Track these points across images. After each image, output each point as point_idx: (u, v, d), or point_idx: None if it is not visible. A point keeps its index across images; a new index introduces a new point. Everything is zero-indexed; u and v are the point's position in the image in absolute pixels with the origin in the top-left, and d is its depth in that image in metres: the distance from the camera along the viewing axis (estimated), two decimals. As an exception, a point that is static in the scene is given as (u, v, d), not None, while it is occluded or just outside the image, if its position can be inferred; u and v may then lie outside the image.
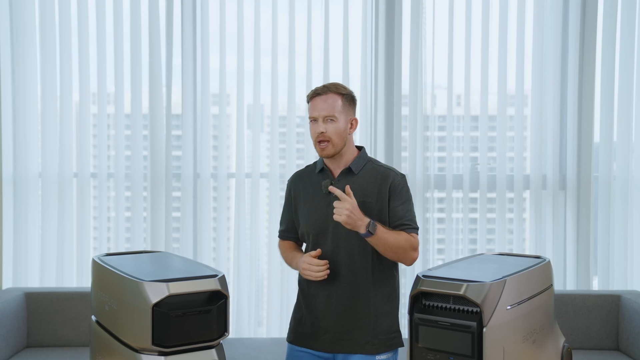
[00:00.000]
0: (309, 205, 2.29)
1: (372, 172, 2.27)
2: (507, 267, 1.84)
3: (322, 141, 2.21)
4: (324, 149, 2.22)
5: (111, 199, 3.66)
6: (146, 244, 3.62)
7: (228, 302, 1.78)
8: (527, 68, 3.63)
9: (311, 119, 2.24)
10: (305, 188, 2.32)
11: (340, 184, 2.25)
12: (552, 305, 1.88)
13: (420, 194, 3.59)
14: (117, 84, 3.60)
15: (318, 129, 2.21)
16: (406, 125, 3.64)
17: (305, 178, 2.35)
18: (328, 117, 2.21)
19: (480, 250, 3.60)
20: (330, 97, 2.23)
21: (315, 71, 3.60)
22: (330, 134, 2.21)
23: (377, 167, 2.30)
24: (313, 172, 2.35)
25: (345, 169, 2.27)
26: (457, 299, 1.67)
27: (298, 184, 2.36)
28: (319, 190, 2.28)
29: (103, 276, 1.87)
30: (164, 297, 1.66)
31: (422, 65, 3.61)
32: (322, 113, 2.21)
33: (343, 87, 2.26)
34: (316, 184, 2.30)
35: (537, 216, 3.62)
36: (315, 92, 2.24)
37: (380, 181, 2.24)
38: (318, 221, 2.25)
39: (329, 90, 2.23)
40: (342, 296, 2.22)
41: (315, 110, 2.22)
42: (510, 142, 3.66)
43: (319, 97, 2.23)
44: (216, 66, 3.60)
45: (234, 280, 3.61)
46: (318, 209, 2.26)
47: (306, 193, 2.31)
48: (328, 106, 2.21)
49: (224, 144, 3.61)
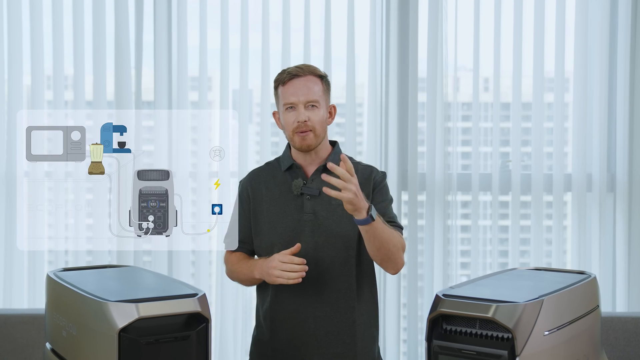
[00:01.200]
0: (275, 210, 2.29)
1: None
2: (544, 284, 1.84)
3: (303, 131, 2.22)
4: (305, 139, 2.23)
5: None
6: (111, 256, 3.62)
7: (210, 326, 1.77)
8: (569, 46, 3.63)
9: (287, 106, 2.25)
10: (269, 189, 2.32)
11: (315, 185, 2.26)
12: (599, 331, 1.88)
13: (440, 197, 3.59)
14: (76, 64, 3.59)
15: (300, 116, 2.22)
16: (423, 115, 3.64)
17: (266, 177, 2.35)
18: (311, 102, 2.23)
19: (512, 265, 3.60)
20: (310, 79, 2.26)
21: (315, 49, 3.60)
22: (314, 123, 2.23)
23: (356, 164, 2.33)
24: (277, 171, 2.35)
25: (321, 166, 2.28)
26: (484, 323, 1.67)
27: (258, 184, 2.35)
28: (287, 191, 2.28)
29: (60, 295, 1.86)
30: (132, 320, 1.66)
31: (442, 43, 3.61)
32: (304, 98, 2.23)
33: (318, 69, 2.30)
34: (283, 184, 2.31)
35: (580, 223, 3.62)
36: (292, 73, 2.26)
37: (361, 180, 2.25)
38: (288, 229, 2.25)
39: (307, 72, 2.26)
40: (321, 319, 2.22)
41: (294, 94, 2.23)
42: (549, 135, 3.66)
43: (297, 79, 2.25)
44: (195, 43, 3.59)
45: (216, 300, 3.61)
46: (288, 214, 2.26)
47: (270, 196, 2.31)
48: (309, 90, 2.23)
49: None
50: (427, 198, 3.59)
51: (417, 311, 3.59)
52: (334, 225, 2.25)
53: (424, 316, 3.58)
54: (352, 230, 2.24)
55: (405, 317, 3.63)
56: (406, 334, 3.62)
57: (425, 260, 3.59)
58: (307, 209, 2.26)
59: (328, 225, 2.25)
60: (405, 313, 3.63)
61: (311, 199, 2.27)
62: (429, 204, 3.58)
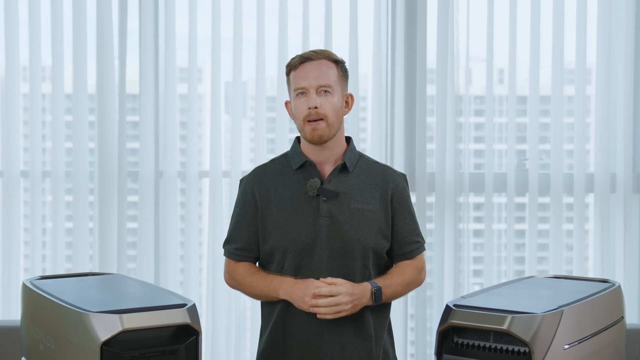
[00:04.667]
0: (286, 213, 2.27)
1: (368, 171, 2.30)
2: (564, 293, 1.84)
3: (314, 119, 2.21)
4: (317, 129, 2.22)
5: (47, 204, 3.66)
6: (93, 263, 3.62)
7: (200, 339, 1.77)
8: (591, 33, 3.63)
9: (298, 91, 2.25)
10: (278, 189, 2.30)
11: (332, 185, 2.25)
12: (624, 344, 1.88)
13: (450, 199, 3.59)
14: (54, 55, 3.59)
15: (310, 102, 2.22)
16: (433, 109, 3.64)
17: (275, 176, 2.33)
18: (323, 87, 2.23)
19: (529, 272, 3.60)
20: (324, 63, 2.26)
21: (314, 38, 3.60)
22: (326, 110, 2.22)
23: (373, 164, 2.34)
24: (287, 168, 2.33)
25: (339, 165, 2.28)
26: (499, 336, 1.67)
27: (265, 183, 2.32)
28: (300, 192, 2.27)
29: (37, 306, 1.86)
30: (116, 333, 1.66)
31: (453, 30, 3.61)
32: (316, 82, 2.22)
33: (334, 54, 2.31)
34: (293, 183, 2.29)
35: (603, 227, 3.62)
36: (304, 56, 2.26)
37: (380, 183, 2.27)
38: (302, 234, 2.24)
39: (320, 56, 2.26)
40: (333, 329, 2.23)
41: (305, 78, 2.23)
42: (569, 131, 3.66)
43: (309, 62, 2.25)
44: (184, 32, 3.59)
45: (207, 311, 3.61)
46: (301, 217, 2.25)
47: (280, 196, 2.29)
48: (322, 74, 2.23)
49: (194, 134, 3.61)
50: (436, 200, 3.59)
51: (425, 323, 3.59)
52: (353, 232, 2.24)
53: (433, 328, 3.58)
54: (371, 237, 2.25)
55: (413, 329, 3.64)
56: (414, 348, 3.63)
57: (435, 268, 3.59)
58: (323, 212, 2.24)
59: (346, 231, 2.24)
60: (413, 325, 3.63)
61: (328, 201, 2.25)
62: (438, 206, 3.58)
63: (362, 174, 2.29)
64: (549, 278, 2.14)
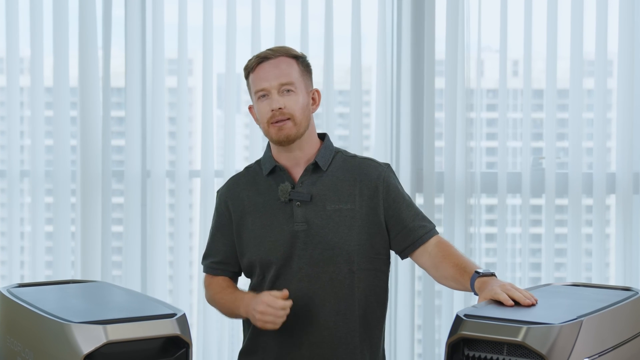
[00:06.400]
0: (260, 222, 2.29)
1: (344, 167, 2.31)
2: (583, 302, 1.84)
3: (278, 120, 2.22)
4: (283, 129, 2.24)
5: (26, 206, 3.66)
6: (75, 270, 3.63)
7: (190, 351, 1.78)
8: (612, 24, 3.63)
9: (259, 94, 2.28)
10: (252, 198, 2.33)
11: (305, 188, 2.26)
12: (648, 357, 1.88)
13: (461, 200, 3.59)
14: (33, 45, 3.60)
15: (273, 104, 2.24)
16: (442, 104, 3.64)
17: (248, 185, 2.36)
18: (285, 86, 2.25)
19: (546, 280, 3.61)
20: (283, 60, 2.28)
21: (314, 26, 3.61)
22: (292, 110, 2.24)
23: (349, 159, 2.35)
24: (259, 176, 2.36)
25: (310, 165, 2.29)
26: (513, 348, 1.67)
27: (238, 193, 2.36)
28: (272, 199, 2.29)
29: (14, 316, 1.86)
30: (100, 345, 1.66)
31: (464, 19, 3.61)
32: (277, 81, 2.25)
33: (293, 49, 2.33)
34: (266, 190, 2.31)
35: (626, 231, 3.62)
36: (261, 56, 2.29)
37: (360, 177, 2.28)
38: (277, 243, 2.26)
39: (278, 53, 2.29)
40: (316, 345, 2.23)
41: (265, 79, 2.26)
42: (589, 127, 3.67)
43: (267, 62, 2.28)
44: (173, 20, 3.60)
45: (198, 321, 3.61)
46: (275, 225, 2.27)
47: (253, 205, 2.31)
48: (282, 72, 2.26)
49: (184, 130, 3.61)
50: (445, 201, 3.59)
51: (434, 334, 3.59)
52: (331, 235, 2.25)
53: (442, 340, 3.58)
54: (352, 239, 2.25)
55: (420, 341, 3.64)
56: (421, 361, 3.63)
57: (444, 275, 3.59)
58: (298, 217, 2.26)
59: (324, 235, 2.25)
60: (420, 337, 3.63)
61: (302, 205, 2.27)
62: (447, 209, 3.58)
63: (338, 171, 2.30)
64: (567, 286, 2.14)
